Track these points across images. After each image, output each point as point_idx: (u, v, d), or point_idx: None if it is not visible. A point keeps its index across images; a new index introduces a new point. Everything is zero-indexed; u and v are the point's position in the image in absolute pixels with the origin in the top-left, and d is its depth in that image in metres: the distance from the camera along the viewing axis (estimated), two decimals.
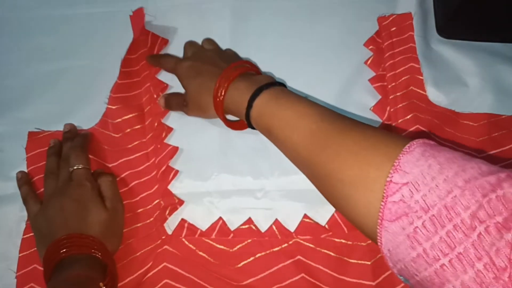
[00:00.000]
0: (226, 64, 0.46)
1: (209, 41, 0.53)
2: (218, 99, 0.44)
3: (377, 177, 0.31)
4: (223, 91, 0.43)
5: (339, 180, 0.34)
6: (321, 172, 0.36)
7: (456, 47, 0.52)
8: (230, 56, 0.51)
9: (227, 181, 0.47)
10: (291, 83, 0.52)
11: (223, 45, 0.54)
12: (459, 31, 0.52)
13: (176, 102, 0.50)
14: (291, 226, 0.45)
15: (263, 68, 0.53)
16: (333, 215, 0.45)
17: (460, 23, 0.51)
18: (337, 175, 0.34)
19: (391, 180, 0.30)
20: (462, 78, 0.50)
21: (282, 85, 0.44)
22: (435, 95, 0.49)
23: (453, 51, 0.51)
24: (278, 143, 0.41)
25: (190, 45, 0.52)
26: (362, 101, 0.50)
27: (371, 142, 0.33)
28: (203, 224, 0.46)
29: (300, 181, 0.47)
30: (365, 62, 0.52)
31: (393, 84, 0.50)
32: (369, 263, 0.42)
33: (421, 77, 0.50)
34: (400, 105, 0.48)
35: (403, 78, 0.50)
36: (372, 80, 0.51)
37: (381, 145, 0.32)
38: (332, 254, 0.43)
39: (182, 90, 0.52)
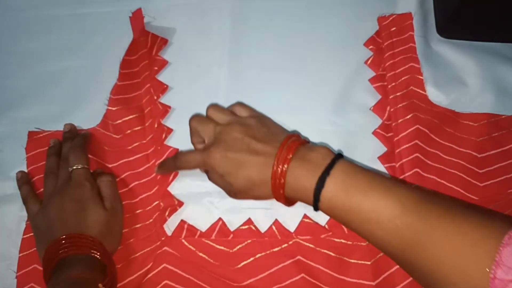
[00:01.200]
0: (265, 145, 0.39)
1: (222, 110, 0.44)
2: (279, 192, 0.39)
3: (478, 275, 0.29)
4: (283, 180, 0.38)
5: (436, 279, 0.31)
6: (414, 268, 0.33)
7: (456, 47, 0.52)
8: (261, 131, 0.42)
9: None
10: (291, 83, 0.52)
11: (223, 45, 0.54)
12: (459, 31, 0.52)
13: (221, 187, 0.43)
14: (291, 226, 0.45)
15: (263, 68, 0.53)
16: None
17: (460, 23, 0.51)
18: (433, 275, 0.31)
19: (495, 277, 0.28)
20: (462, 78, 0.50)
21: (340, 155, 0.38)
22: (435, 95, 0.49)
23: (453, 51, 0.51)
24: (360, 234, 0.36)
25: (207, 123, 0.43)
26: (362, 101, 0.50)
27: (465, 234, 0.31)
28: (202, 225, 0.46)
29: None
30: (365, 62, 0.52)
31: (393, 84, 0.50)
32: (369, 263, 0.42)
33: (421, 77, 0.50)
34: (400, 105, 0.48)
35: (403, 78, 0.50)
36: (372, 80, 0.51)
37: (477, 237, 0.30)
38: (332, 254, 0.43)
39: (182, 90, 0.53)
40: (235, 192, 0.41)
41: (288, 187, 0.38)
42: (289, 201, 0.40)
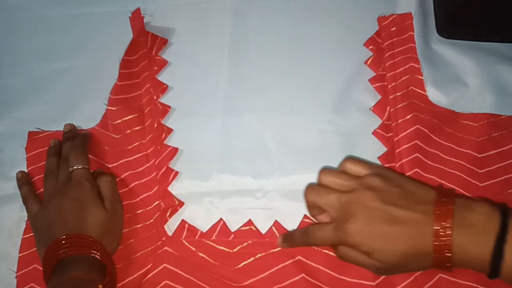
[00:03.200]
0: (408, 211, 0.35)
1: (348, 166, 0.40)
2: (445, 265, 0.35)
3: None
4: (449, 253, 0.34)
5: None
6: None
7: (456, 47, 0.52)
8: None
9: (227, 181, 0.47)
10: (291, 83, 0.52)
11: (223, 45, 0.54)
12: (459, 31, 0.52)
13: (363, 264, 0.37)
14: (291, 227, 0.45)
15: (263, 68, 0.53)
16: None
17: (460, 23, 0.51)
18: None
19: None
20: (462, 78, 0.50)
21: (504, 210, 0.34)
22: (435, 95, 0.49)
23: (453, 51, 0.51)
24: None
25: (328, 194, 0.39)
26: (362, 101, 0.50)
27: None
28: (203, 225, 0.46)
29: (300, 181, 0.46)
30: (365, 62, 0.52)
31: (393, 84, 0.50)
32: None
33: (421, 77, 0.50)
34: (400, 105, 0.48)
35: (403, 78, 0.50)
36: (372, 80, 0.51)
37: None
38: (332, 254, 0.43)
39: (182, 90, 0.53)
40: (385, 268, 0.36)
41: (456, 258, 0.34)
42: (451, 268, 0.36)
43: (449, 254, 0.34)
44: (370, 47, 0.53)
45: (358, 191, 0.37)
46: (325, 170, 0.41)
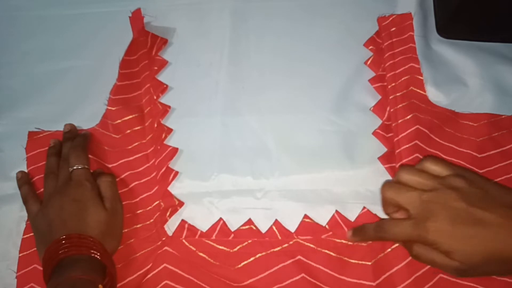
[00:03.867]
0: (491, 213, 0.35)
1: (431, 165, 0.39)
2: None
3: None
4: None
5: None
6: None
7: (456, 47, 0.52)
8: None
9: (227, 181, 0.47)
10: (291, 84, 0.52)
11: (223, 45, 0.54)
12: (459, 31, 0.52)
13: (447, 269, 0.37)
14: (291, 226, 0.45)
15: (263, 68, 0.53)
16: (333, 215, 0.45)
17: (460, 23, 0.51)
18: None
19: None
20: (462, 78, 0.50)
21: None
22: (435, 95, 0.49)
23: (453, 51, 0.51)
24: None
25: (408, 191, 0.38)
26: (362, 102, 0.50)
27: None
28: (203, 225, 0.46)
29: (300, 181, 0.47)
30: (365, 63, 0.52)
31: (393, 84, 0.50)
32: (369, 263, 0.42)
33: (421, 77, 0.50)
34: (400, 105, 0.48)
35: (403, 78, 0.50)
36: (372, 81, 0.51)
37: None
38: (332, 254, 0.43)
39: (183, 90, 0.53)
40: (463, 269, 0.36)
41: None
42: None
43: None
44: (370, 47, 0.53)
45: (441, 190, 0.37)
46: (405, 167, 0.40)
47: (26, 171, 0.49)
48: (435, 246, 0.36)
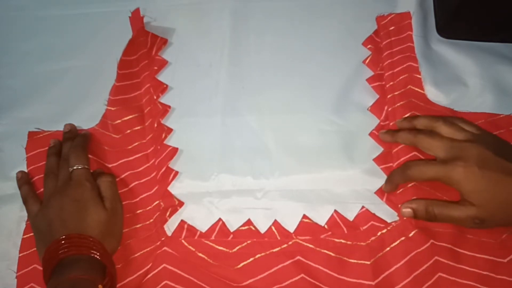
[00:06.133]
0: None
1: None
2: None
3: None
4: None
5: None
6: None
7: (456, 47, 0.52)
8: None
9: (227, 181, 0.47)
10: (291, 84, 0.52)
11: (223, 45, 0.54)
12: (459, 31, 0.52)
13: (462, 219, 0.39)
14: (291, 226, 0.45)
15: (263, 68, 0.53)
16: (332, 215, 0.45)
17: (460, 23, 0.51)
18: None
19: None
20: (462, 78, 0.50)
21: None
22: (435, 95, 0.49)
23: (453, 51, 0.51)
24: None
25: (441, 138, 0.41)
26: (362, 102, 0.50)
27: None
28: (202, 225, 0.46)
29: (300, 181, 0.47)
30: (364, 61, 0.52)
31: (391, 83, 0.50)
32: (368, 263, 0.42)
33: (419, 76, 0.49)
34: (398, 104, 0.48)
35: (401, 77, 0.50)
36: (370, 80, 0.51)
37: None
38: (331, 254, 0.43)
39: (182, 90, 0.53)
40: (482, 217, 0.38)
41: None
42: None
43: None
44: (369, 46, 0.53)
45: (473, 141, 0.40)
46: (441, 119, 0.43)
47: (26, 171, 0.49)
48: (458, 186, 0.38)
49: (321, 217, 0.45)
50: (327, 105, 0.50)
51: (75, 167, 0.45)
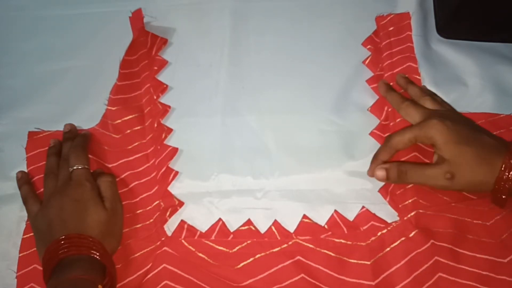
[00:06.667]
0: (490, 137, 0.41)
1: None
2: (503, 184, 0.39)
3: None
4: (507, 186, 0.39)
5: None
6: None
7: (456, 47, 0.52)
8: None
9: (227, 181, 0.47)
10: (291, 84, 0.52)
11: (223, 45, 0.54)
12: (459, 31, 0.52)
13: (434, 175, 0.41)
14: (291, 226, 0.45)
15: (263, 68, 0.53)
16: (332, 215, 0.45)
17: (460, 23, 0.51)
18: None
19: None
20: (462, 78, 0.50)
21: None
22: None
23: (453, 51, 0.51)
24: None
25: (417, 107, 0.45)
26: (362, 102, 0.50)
27: None
28: (202, 225, 0.46)
29: (300, 181, 0.47)
30: (363, 62, 0.52)
31: (391, 83, 0.50)
32: (368, 263, 0.42)
33: (418, 77, 0.49)
34: None
35: None
36: (369, 81, 0.51)
37: None
38: (331, 254, 0.43)
39: (182, 90, 0.53)
40: (452, 172, 0.40)
41: None
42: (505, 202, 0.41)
43: (507, 187, 0.38)
44: (368, 46, 0.53)
45: (444, 110, 0.44)
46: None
47: (26, 171, 0.49)
48: (433, 140, 0.41)
49: (321, 217, 0.45)
50: (327, 105, 0.50)
51: (75, 167, 0.45)
